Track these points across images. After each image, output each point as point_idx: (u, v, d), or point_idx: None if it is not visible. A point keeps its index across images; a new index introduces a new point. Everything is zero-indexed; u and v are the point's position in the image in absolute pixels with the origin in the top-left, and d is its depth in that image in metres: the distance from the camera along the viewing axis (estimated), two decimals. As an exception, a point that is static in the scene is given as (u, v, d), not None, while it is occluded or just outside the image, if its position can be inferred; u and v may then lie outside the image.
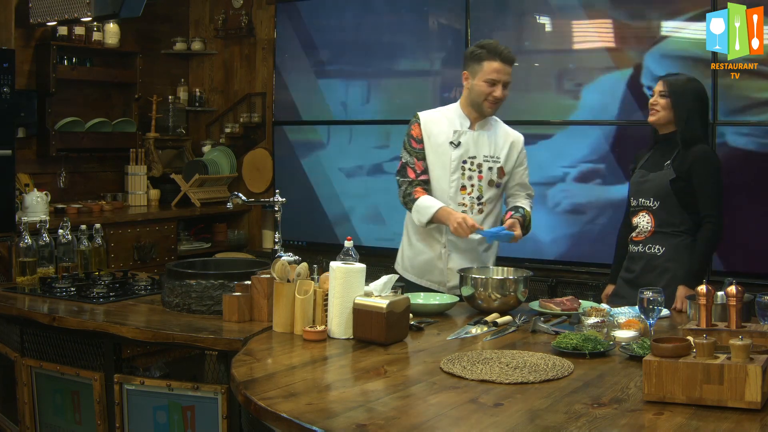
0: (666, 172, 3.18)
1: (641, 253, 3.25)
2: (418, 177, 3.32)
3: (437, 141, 3.33)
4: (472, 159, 3.32)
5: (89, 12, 4.18)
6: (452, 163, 3.30)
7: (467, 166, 3.31)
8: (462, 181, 3.31)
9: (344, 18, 5.82)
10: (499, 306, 2.91)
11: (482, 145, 3.33)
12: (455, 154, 3.30)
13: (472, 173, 3.32)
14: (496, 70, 3.22)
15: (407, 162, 3.35)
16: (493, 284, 2.92)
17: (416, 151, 3.34)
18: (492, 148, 3.35)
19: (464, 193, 3.31)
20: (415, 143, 3.35)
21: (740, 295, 2.21)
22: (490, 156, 3.34)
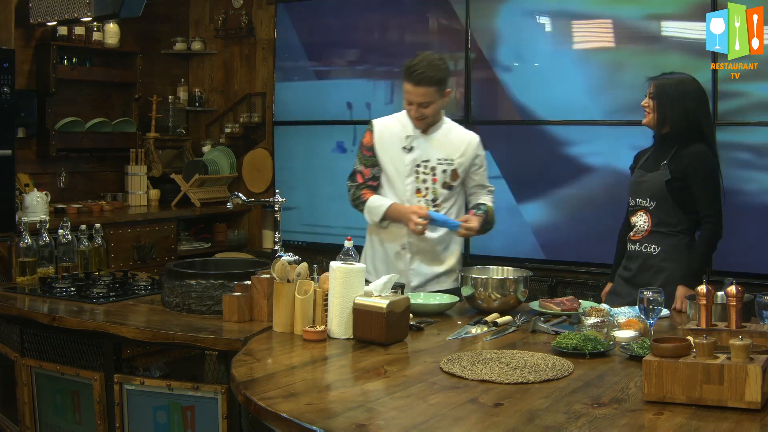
0: (662, 173, 3.18)
1: (638, 253, 3.26)
2: (366, 182, 3.43)
3: (391, 146, 3.40)
4: (426, 162, 3.37)
5: (89, 12, 4.18)
6: (406, 167, 3.37)
7: (421, 170, 3.37)
8: (416, 185, 3.38)
9: (344, 18, 5.82)
10: (499, 306, 2.91)
11: (435, 149, 3.39)
12: (408, 158, 3.37)
13: (426, 176, 3.38)
14: (407, 91, 3.28)
15: (356, 168, 3.47)
16: (493, 284, 2.93)
17: (365, 159, 3.44)
18: (445, 150, 3.39)
19: (419, 196, 3.38)
20: (366, 151, 3.44)
21: (740, 295, 2.21)
22: (443, 159, 3.38)
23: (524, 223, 5.16)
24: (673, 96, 3.17)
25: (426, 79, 3.24)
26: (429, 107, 3.30)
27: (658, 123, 3.22)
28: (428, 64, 3.25)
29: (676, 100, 3.17)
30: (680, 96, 3.18)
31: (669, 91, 3.18)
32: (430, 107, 3.30)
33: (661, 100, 3.19)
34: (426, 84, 3.24)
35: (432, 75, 3.25)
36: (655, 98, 3.21)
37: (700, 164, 3.16)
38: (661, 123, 3.22)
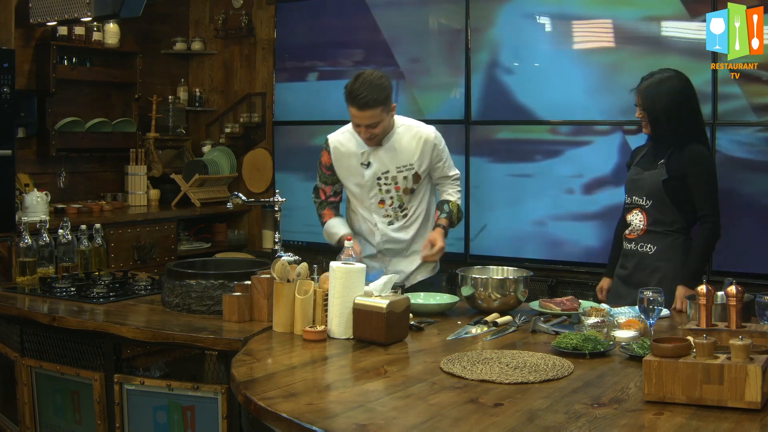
0: (659, 172, 3.19)
1: (634, 251, 3.27)
2: (327, 198, 3.53)
3: (349, 164, 3.43)
4: (386, 174, 3.40)
5: (89, 12, 4.17)
6: (367, 182, 3.41)
7: (382, 182, 3.41)
8: (380, 196, 3.43)
9: (344, 18, 5.82)
10: (499, 306, 2.91)
11: (392, 158, 3.39)
12: (368, 173, 3.40)
13: (389, 186, 3.41)
14: (354, 115, 3.29)
15: (318, 185, 3.55)
16: (493, 284, 2.93)
17: (325, 177, 3.51)
18: (402, 157, 3.39)
19: (383, 207, 3.44)
20: (325, 169, 3.50)
21: (740, 295, 2.21)
22: (402, 166, 3.39)
23: (524, 223, 5.15)
24: (655, 100, 3.19)
25: (371, 101, 3.21)
26: (377, 127, 3.28)
27: (652, 128, 3.25)
28: (370, 85, 3.21)
29: (660, 102, 3.18)
30: (663, 97, 3.18)
31: (651, 96, 3.20)
32: (379, 126, 3.29)
33: (647, 108, 3.22)
34: (371, 107, 3.21)
35: (375, 97, 3.21)
36: (643, 108, 3.23)
37: (700, 165, 3.17)
38: (653, 128, 3.24)
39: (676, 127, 3.19)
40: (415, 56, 5.56)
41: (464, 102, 5.29)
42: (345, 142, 3.45)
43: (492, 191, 5.25)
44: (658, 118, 3.19)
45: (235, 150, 6.40)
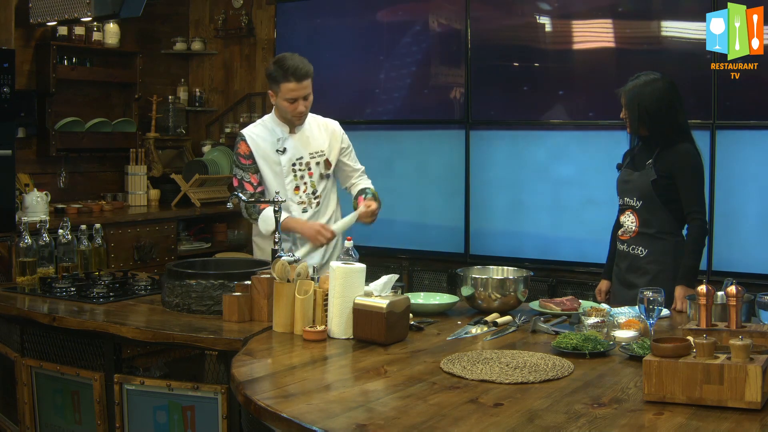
0: (647, 172, 3.22)
1: (626, 253, 3.31)
2: (255, 189, 3.55)
3: (265, 152, 3.56)
4: (300, 160, 3.58)
5: (89, 12, 4.18)
6: (283, 168, 3.55)
7: (297, 168, 3.57)
8: (295, 182, 3.57)
9: (344, 18, 5.82)
10: (499, 306, 2.91)
11: (305, 145, 3.59)
12: (284, 159, 3.56)
13: (303, 172, 3.58)
14: (292, 90, 3.44)
15: (242, 178, 3.56)
16: (493, 284, 2.93)
17: (248, 167, 3.56)
18: (314, 144, 3.61)
19: (298, 193, 3.58)
20: (244, 159, 3.56)
21: (740, 295, 2.21)
22: (315, 152, 3.61)
23: (524, 223, 5.15)
24: (638, 101, 3.22)
25: (309, 71, 3.47)
26: (308, 99, 3.50)
27: (632, 128, 3.29)
28: (300, 59, 3.47)
29: (643, 103, 3.21)
30: (645, 98, 3.21)
31: (634, 97, 3.23)
32: (309, 100, 3.50)
33: (629, 108, 3.26)
34: (307, 77, 3.46)
35: (308, 68, 3.47)
36: (626, 108, 3.28)
37: (687, 163, 3.20)
38: (635, 128, 3.27)
39: (657, 128, 3.21)
40: (415, 56, 5.56)
41: (465, 102, 5.29)
42: (259, 132, 3.60)
43: (492, 191, 5.25)
44: (640, 118, 3.23)
45: (235, 150, 6.39)
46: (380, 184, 5.62)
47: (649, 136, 3.25)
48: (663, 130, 3.22)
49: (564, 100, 4.99)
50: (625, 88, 3.29)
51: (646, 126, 3.23)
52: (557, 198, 5.03)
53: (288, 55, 3.49)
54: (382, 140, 5.66)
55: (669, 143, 3.21)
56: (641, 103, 3.21)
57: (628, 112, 3.26)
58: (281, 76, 3.43)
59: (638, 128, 3.26)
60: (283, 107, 3.50)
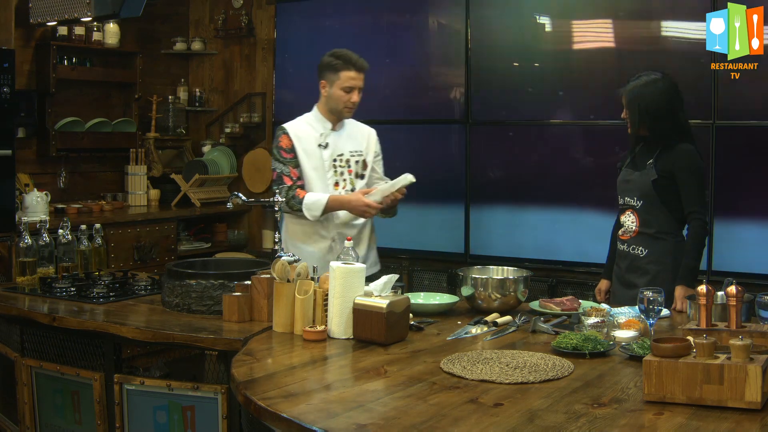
0: (648, 172, 3.22)
1: (626, 253, 3.31)
2: (295, 183, 3.55)
3: (307, 146, 3.60)
4: (340, 156, 3.64)
5: (89, 12, 4.18)
6: (325, 163, 3.61)
7: (338, 164, 3.63)
8: (335, 178, 3.62)
9: (344, 18, 5.82)
10: (499, 306, 2.91)
11: (346, 143, 3.67)
12: (326, 154, 3.62)
13: (343, 169, 3.64)
14: (352, 78, 3.55)
15: (282, 171, 3.56)
16: (493, 284, 2.93)
17: (288, 161, 3.57)
18: (354, 143, 3.69)
19: (338, 189, 3.61)
20: (286, 153, 3.58)
21: (740, 295, 2.21)
22: (354, 151, 3.68)
23: (524, 223, 5.15)
24: (639, 101, 3.22)
25: (366, 64, 3.59)
26: (361, 93, 3.60)
27: (633, 128, 3.28)
28: (354, 53, 3.58)
29: (643, 104, 3.21)
30: (645, 98, 3.21)
31: (634, 98, 3.23)
32: (360, 93, 3.60)
33: (630, 108, 3.26)
34: (365, 69, 3.59)
35: (366, 62, 3.60)
36: (626, 107, 3.28)
37: (687, 163, 3.20)
38: (635, 128, 3.27)
39: (658, 128, 3.21)
40: (416, 56, 5.56)
41: (465, 102, 5.29)
42: (302, 126, 3.66)
43: (492, 191, 5.25)
44: (640, 118, 3.23)
45: (235, 150, 6.40)
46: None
47: (650, 136, 3.25)
48: (663, 130, 3.22)
49: (564, 99, 4.99)
50: (625, 88, 3.29)
51: (647, 126, 3.23)
52: (557, 198, 5.03)
53: (344, 49, 3.60)
54: (382, 140, 5.63)
55: (669, 143, 3.21)
56: (641, 103, 3.21)
57: (629, 112, 3.26)
58: (342, 65, 3.53)
59: (639, 128, 3.26)
60: (337, 96, 3.56)
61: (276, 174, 3.58)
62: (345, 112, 3.62)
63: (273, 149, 3.63)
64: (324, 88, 3.62)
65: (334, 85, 3.57)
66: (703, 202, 3.23)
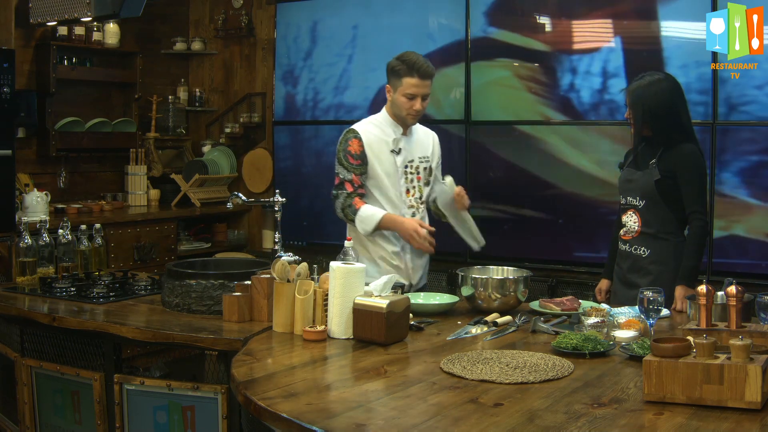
0: (651, 172, 3.21)
1: (628, 253, 3.30)
2: (356, 191, 3.40)
3: (379, 151, 3.45)
4: (411, 162, 3.51)
5: (89, 12, 4.17)
6: (398, 169, 3.46)
7: (409, 170, 3.50)
8: (406, 185, 3.49)
9: (344, 18, 5.82)
10: (499, 306, 2.91)
11: (416, 149, 3.53)
12: (399, 160, 3.47)
13: (413, 176, 3.51)
14: (414, 85, 3.36)
15: (344, 177, 3.41)
16: (493, 284, 2.93)
17: (354, 167, 3.41)
18: (421, 149, 3.56)
19: (409, 196, 3.49)
20: (353, 159, 3.41)
21: (740, 295, 2.21)
22: (423, 157, 3.55)
23: (524, 222, 5.15)
24: (642, 101, 3.21)
25: (432, 71, 3.39)
26: (426, 100, 3.43)
27: (637, 128, 3.27)
28: (424, 58, 3.40)
29: (647, 104, 3.20)
30: (650, 99, 3.20)
31: (638, 98, 3.22)
32: (427, 100, 3.44)
33: (634, 108, 3.24)
34: (431, 76, 3.39)
35: (432, 68, 3.40)
36: (631, 108, 3.26)
37: (689, 162, 3.19)
38: (639, 128, 3.26)
39: (661, 128, 3.21)
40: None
41: (464, 102, 5.29)
42: (373, 130, 3.48)
43: (492, 191, 5.25)
44: (644, 118, 3.22)
45: (235, 150, 6.40)
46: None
47: (653, 135, 3.25)
48: (666, 130, 3.21)
49: (564, 99, 4.99)
50: (629, 88, 3.29)
51: (650, 126, 3.23)
52: (557, 198, 5.03)
53: (412, 53, 3.44)
54: (382, 140, 5.64)
55: (672, 143, 3.21)
56: (645, 103, 3.20)
57: (633, 112, 3.25)
58: (405, 70, 3.37)
59: (642, 128, 3.25)
60: (400, 103, 3.41)
61: (339, 179, 3.42)
62: (408, 119, 3.45)
63: (339, 152, 3.44)
64: (389, 93, 3.48)
65: (398, 91, 3.40)
66: (704, 202, 3.23)
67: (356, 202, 3.37)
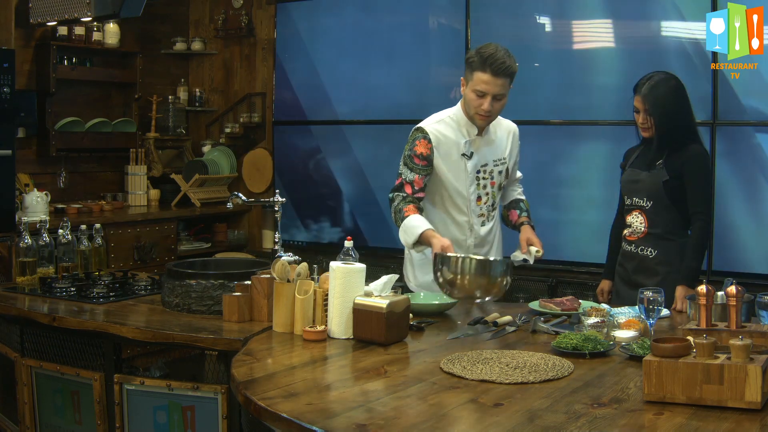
0: (659, 173, 3.20)
1: (634, 254, 3.28)
2: (414, 194, 3.15)
3: (449, 154, 3.16)
4: (484, 167, 3.21)
5: (89, 12, 4.17)
6: (469, 175, 3.18)
7: (481, 176, 3.21)
8: (477, 192, 3.21)
9: (344, 18, 5.82)
10: (479, 293, 2.76)
11: (491, 151, 3.23)
12: (470, 165, 3.18)
13: (486, 181, 3.23)
14: (484, 82, 3.03)
15: (406, 179, 3.16)
16: (474, 267, 2.72)
17: (419, 168, 3.14)
18: (497, 150, 3.24)
19: (480, 204, 3.24)
20: (419, 160, 3.14)
21: (740, 295, 2.21)
22: (498, 159, 3.24)
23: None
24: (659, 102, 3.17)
25: (507, 69, 3.02)
26: (501, 101, 3.09)
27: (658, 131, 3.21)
28: (506, 53, 3.04)
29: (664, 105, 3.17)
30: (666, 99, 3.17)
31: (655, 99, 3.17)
32: (501, 102, 3.09)
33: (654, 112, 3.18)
34: (505, 75, 3.03)
35: (510, 65, 3.04)
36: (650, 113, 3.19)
37: (697, 164, 3.19)
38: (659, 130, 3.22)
39: (670, 127, 3.19)
40: (416, 56, 5.56)
41: (464, 102, 5.29)
42: (444, 130, 3.18)
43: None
44: (663, 120, 3.17)
45: (235, 150, 6.40)
46: (379, 183, 5.65)
47: (660, 135, 3.20)
48: (675, 130, 3.18)
49: (564, 99, 4.99)
50: (642, 92, 3.19)
51: (666, 127, 3.17)
52: (557, 198, 5.03)
53: (494, 45, 3.05)
54: (382, 139, 5.66)
55: (680, 144, 3.18)
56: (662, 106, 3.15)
57: (652, 116, 3.16)
58: (478, 63, 3.02)
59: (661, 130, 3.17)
60: (469, 99, 3.09)
61: (399, 180, 3.16)
62: (476, 118, 3.11)
63: (405, 151, 3.17)
64: (462, 86, 3.14)
65: (468, 85, 3.08)
66: (709, 203, 3.23)
67: (407, 210, 3.07)
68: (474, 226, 3.24)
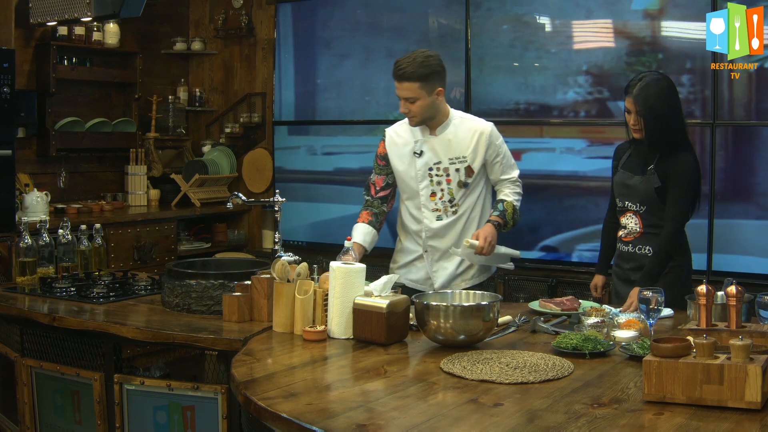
0: (650, 178, 3.17)
1: (631, 254, 3.28)
2: (377, 194, 3.46)
3: (402, 153, 3.40)
4: (438, 164, 3.35)
5: (89, 12, 4.17)
6: (418, 172, 3.36)
7: (434, 173, 3.36)
8: (431, 188, 3.36)
9: (344, 18, 5.82)
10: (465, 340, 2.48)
11: (446, 149, 3.34)
12: (420, 163, 3.36)
13: (440, 178, 3.35)
14: (396, 87, 3.26)
15: (370, 179, 3.49)
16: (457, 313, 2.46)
17: (379, 168, 3.47)
18: (456, 149, 3.34)
19: (434, 199, 3.37)
20: (379, 160, 3.46)
21: (740, 295, 2.21)
22: (455, 158, 3.35)
23: (524, 222, 5.15)
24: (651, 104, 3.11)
25: (406, 74, 3.20)
26: (415, 104, 3.24)
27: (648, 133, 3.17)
28: (412, 60, 3.22)
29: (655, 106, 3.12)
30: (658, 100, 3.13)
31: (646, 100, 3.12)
32: (417, 104, 3.24)
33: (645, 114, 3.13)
34: (406, 79, 3.21)
35: (412, 71, 3.20)
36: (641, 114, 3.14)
37: (684, 172, 3.14)
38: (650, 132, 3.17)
39: (668, 128, 3.15)
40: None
41: (464, 102, 5.29)
42: (400, 131, 3.45)
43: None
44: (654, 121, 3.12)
45: (235, 150, 6.40)
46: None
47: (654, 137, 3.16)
48: (666, 131, 3.14)
49: (564, 99, 4.99)
50: (633, 93, 3.15)
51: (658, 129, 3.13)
52: (557, 197, 5.03)
53: (416, 52, 3.28)
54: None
55: (671, 148, 3.15)
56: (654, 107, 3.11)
57: (644, 119, 3.13)
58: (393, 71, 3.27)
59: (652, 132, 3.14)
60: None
61: (368, 181, 3.51)
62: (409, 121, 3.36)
63: None
64: None
65: None
66: (685, 213, 3.16)
67: (361, 216, 3.44)
68: (424, 220, 3.39)
